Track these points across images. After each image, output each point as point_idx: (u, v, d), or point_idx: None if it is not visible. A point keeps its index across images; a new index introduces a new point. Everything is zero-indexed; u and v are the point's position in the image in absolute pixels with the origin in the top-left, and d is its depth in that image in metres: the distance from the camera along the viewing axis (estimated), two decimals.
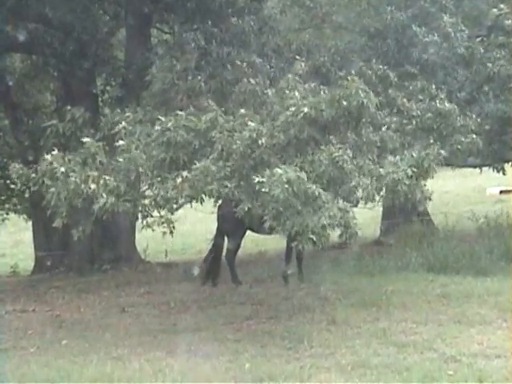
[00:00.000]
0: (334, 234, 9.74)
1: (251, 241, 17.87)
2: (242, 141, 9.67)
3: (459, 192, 26.95)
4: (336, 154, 9.57)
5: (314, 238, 9.14)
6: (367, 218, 19.98)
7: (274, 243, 14.67)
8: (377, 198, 10.03)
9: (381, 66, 11.18)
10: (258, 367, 8.82)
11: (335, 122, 10.12)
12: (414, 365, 8.62)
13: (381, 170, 9.77)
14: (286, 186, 8.95)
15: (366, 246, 16.92)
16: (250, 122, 9.80)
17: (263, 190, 9.11)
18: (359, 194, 9.82)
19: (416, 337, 9.75)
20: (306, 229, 9.09)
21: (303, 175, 9.14)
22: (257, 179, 9.22)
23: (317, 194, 9.15)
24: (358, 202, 10.09)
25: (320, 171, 9.55)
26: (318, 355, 9.23)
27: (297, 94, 10.12)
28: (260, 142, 9.62)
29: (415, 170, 9.83)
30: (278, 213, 9.23)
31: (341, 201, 9.52)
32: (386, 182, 9.69)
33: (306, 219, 9.09)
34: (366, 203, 10.05)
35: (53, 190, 9.71)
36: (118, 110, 11.14)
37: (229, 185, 9.59)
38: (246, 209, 9.58)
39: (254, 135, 9.62)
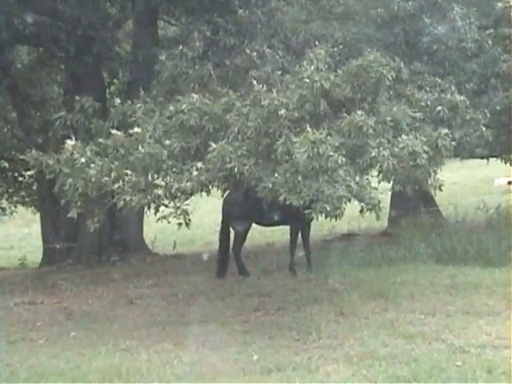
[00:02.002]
0: (344, 224, 9.70)
1: (259, 232, 17.92)
2: (259, 116, 9.56)
3: (467, 183, 26.93)
4: (359, 119, 9.45)
5: (328, 208, 9.03)
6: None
7: (282, 235, 14.67)
8: (391, 179, 9.93)
9: (396, 58, 11.10)
10: (266, 358, 8.82)
11: (351, 97, 10.03)
12: (422, 356, 8.60)
13: (400, 139, 9.66)
14: (312, 146, 8.86)
15: (373, 237, 16.95)
16: (267, 97, 9.62)
17: (285, 159, 8.98)
18: (379, 166, 9.68)
19: (424, 328, 9.73)
20: (322, 196, 8.97)
21: (328, 139, 9.04)
22: (281, 141, 9.13)
23: (340, 162, 9.05)
24: (377, 176, 9.98)
25: (342, 139, 9.41)
26: (326, 346, 9.22)
27: (311, 68, 9.98)
28: (280, 112, 9.47)
29: (430, 149, 9.76)
30: (296, 183, 9.11)
31: (359, 174, 9.46)
32: (405, 153, 9.60)
33: (323, 186, 8.99)
34: (383, 179, 9.96)
35: (70, 180, 9.67)
36: (129, 101, 11.11)
37: (247, 162, 9.47)
38: (268, 187, 9.41)
39: (276, 103, 9.47)
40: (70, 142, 9.79)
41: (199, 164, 9.57)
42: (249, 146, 9.67)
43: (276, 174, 9.31)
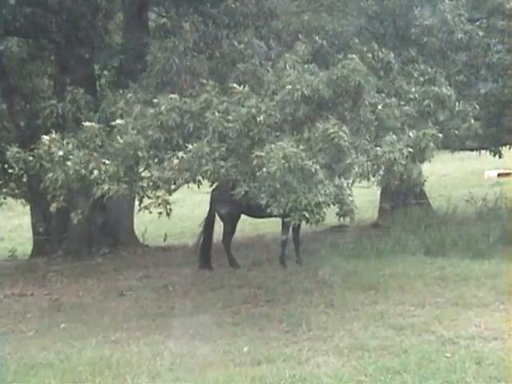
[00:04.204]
0: (333, 217, 9.73)
1: (249, 224, 17.94)
2: (239, 118, 9.59)
3: (457, 175, 27.00)
4: (331, 131, 9.46)
5: (307, 215, 9.08)
6: (365, 201, 20.05)
7: (272, 227, 14.70)
8: (372, 178, 10.00)
9: (382, 50, 11.11)
10: (256, 350, 8.84)
11: (332, 101, 10.06)
12: (411, 347, 8.64)
13: (377, 149, 9.73)
14: (283, 161, 8.90)
15: (363, 229, 16.99)
16: (248, 100, 9.71)
17: (261, 167, 9.08)
18: (355, 171, 9.73)
19: (414, 319, 9.77)
20: (300, 205, 9.03)
21: (300, 151, 9.07)
22: (255, 153, 9.16)
23: (313, 170, 9.09)
24: (353, 181, 10.05)
25: (316, 148, 9.46)
26: (316, 338, 9.25)
27: (294, 72, 10.03)
28: (259, 119, 9.53)
29: (411, 150, 9.80)
30: (275, 190, 9.18)
31: (336, 178, 9.50)
32: (383, 161, 9.65)
33: (300, 196, 9.03)
34: (360, 181, 10.02)
35: (50, 174, 9.67)
36: (121, 91, 11.08)
37: (224, 165, 9.52)
38: (243, 191, 9.55)
39: (253, 111, 9.54)
40: (45, 137, 9.78)
41: (180, 153, 9.54)
42: (229, 146, 9.70)
43: (252, 183, 9.40)
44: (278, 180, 9.06)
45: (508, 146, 17.73)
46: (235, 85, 10.11)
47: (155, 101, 10.10)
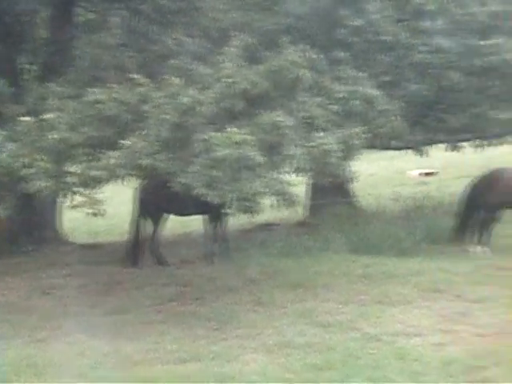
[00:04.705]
0: (266, 214, 9.76)
1: (177, 221, 17.80)
2: (176, 109, 9.49)
3: (383, 174, 27.34)
4: (278, 119, 9.50)
5: (248, 204, 9.10)
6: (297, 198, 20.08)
7: (199, 224, 14.63)
8: (307, 173, 10.08)
9: (309, 49, 11.15)
10: (183, 348, 8.82)
11: (269, 95, 10.07)
12: (337, 344, 8.77)
13: (312, 143, 9.79)
14: (236, 147, 8.88)
15: (292, 227, 17.04)
16: (184, 92, 9.62)
17: (203, 154, 8.92)
18: (293, 164, 9.78)
19: (340, 317, 9.87)
20: (241, 195, 9.02)
21: (250, 138, 9.06)
22: (203, 137, 9.08)
23: (261, 160, 9.08)
24: (293, 174, 10.10)
25: (260, 137, 9.44)
26: (245, 336, 9.29)
27: (233, 66, 10.02)
28: (198, 109, 9.47)
29: (342, 147, 9.90)
30: (213, 179, 9.09)
31: (276, 170, 9.52)
32: (317, 153, 9.69)
33: (242, 185, 9.02)
34: (297, 175, 10.08)
35: None
36: (47, 84, 10.86)
37: (161, 158, 9.39)
38: (181, 184, 9.40)
39: (191, 102, 9.45)
40: None
41: (114, 153, 9.43)
42: (165, 138, 9.58)
43: (191, 168, 9.28)
44: (221, 168, 8.96)
45: (432, 146, 18.08)
46: (173, 77, 9.98)
47: (95, 90, 9.89)
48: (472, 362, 8.06)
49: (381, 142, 13.34)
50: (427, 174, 26.12)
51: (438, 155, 20.03)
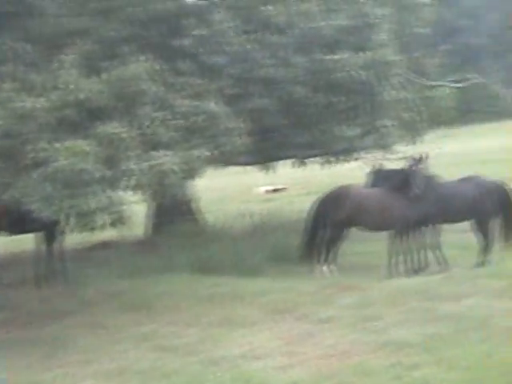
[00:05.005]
0: (106, 233, 9.33)
1: (10, 240, 16.74)
2: (7, 116, 9.04)
3: (230, 190, 27.20)
4: (114, 131, 9.21)
5: (82, 222, 8.83)
6: (138, 216, 19.44)
7: (30, 243, 13.82)
8: (146, 191, 9.77)
9: (151, 58, 10.71)
10: (14, 377, 8.38)
11: (109, 106, 9.75)
12: (180, 368, 8.50)
13: (150, 163, 9.45)
14: (77, 160, 8.55)
15: (133, 246, 16.45)
16: (18, 98, 9.21)
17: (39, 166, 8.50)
18: (131, 182, 9.40)
19: (181, 340, 9.57)
20: (74, 211, 8.70)
21: (91, 150, 8.79)
22: (40, 146, 8.72)
23: (97, 175, 8.77)
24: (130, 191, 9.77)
25: (97, 149, 9.10)
26: (82, 362, 8.92)
27: (71, 74, 9.72)
28: (32, 116, 9.08)
29: (184, 168, 9.60)
30: (48, 193, 8.69)
31: (111, 187, 9.17)
32: (154, 173, 9.38)
33: (76, 202, 8.70)
34: (135, 192, 9.75)
35: None
36: None
37: None
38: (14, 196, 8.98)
39: (24, 108, 9.03)
40: None
41: None
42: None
43: (24, 180, 8.76)
44: (58, 180, 8.60)
45: (279, 162, 18.02)
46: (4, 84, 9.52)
47: None
48: None
49: (226, 158, 13.03)
50: (275, 191, 26.20)
51: (287, 171, 20.02)
